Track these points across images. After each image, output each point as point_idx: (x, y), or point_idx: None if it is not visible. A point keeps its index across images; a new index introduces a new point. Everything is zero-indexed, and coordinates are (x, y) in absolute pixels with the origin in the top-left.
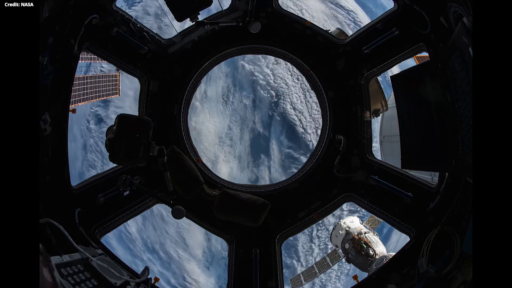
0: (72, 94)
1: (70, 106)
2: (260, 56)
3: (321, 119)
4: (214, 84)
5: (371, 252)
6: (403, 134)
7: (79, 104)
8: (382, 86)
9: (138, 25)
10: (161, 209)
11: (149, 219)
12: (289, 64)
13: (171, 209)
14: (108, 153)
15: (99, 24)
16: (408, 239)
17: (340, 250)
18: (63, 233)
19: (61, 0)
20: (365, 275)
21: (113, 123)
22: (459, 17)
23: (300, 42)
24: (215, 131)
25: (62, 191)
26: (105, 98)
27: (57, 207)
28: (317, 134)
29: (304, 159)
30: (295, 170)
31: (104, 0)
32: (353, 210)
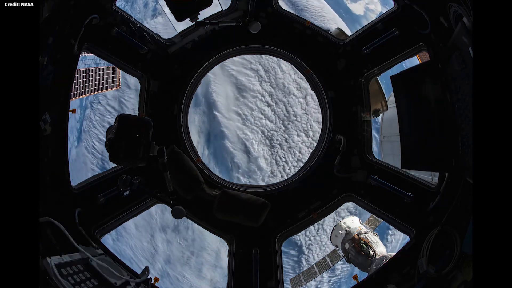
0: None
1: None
2: (256, 168)
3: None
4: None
5: (371, 252)
6: (403, 134)
7: (79, 97)
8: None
9: (138, 25)
10: (177, 275)
11: (166, 278)
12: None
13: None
14: (108, 153)
15: (99, 24)
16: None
17: (340, 250)
18: (63, 233)
19: (61, 0)
20: (365, 275)
21: (113, 123)
22: (459, 17)
23: (300, 42)
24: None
25: (62, 191)
26: (105, 90)
27: (57, 207)
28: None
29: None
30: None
31: (104, 0)
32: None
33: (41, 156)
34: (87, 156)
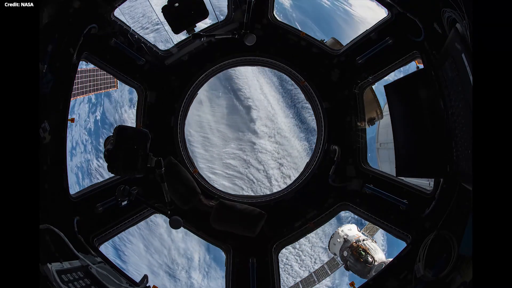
0: None
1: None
2: None
3: None
4: None
5: (370, 259)
6: (397, 143)
7: (77, 97)
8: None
9: (136, 36)
10: None
11: None
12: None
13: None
14: (107, 164)
15: (97, 34)
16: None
17: (339, 258)
18: (63, 240)
19: (60, 7)
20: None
21: (112, 134)
22: (453, 23)
23: (295, 54)
24: None
25: (61, 199)
26: (103, 91)
27: (56, 215)
28: None
29: None
30: None
31: (103, 9)
32: None
33: (40, 164)
34: None
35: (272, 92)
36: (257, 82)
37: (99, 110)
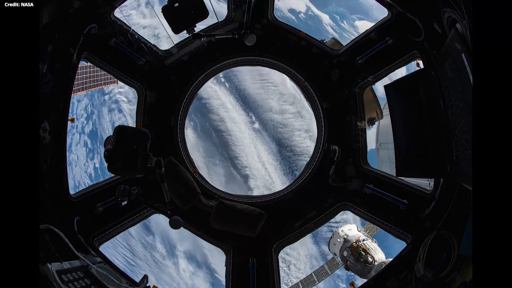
0: None
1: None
2: None
3: None
4: None
5: (369, 259)
6: (397, 143)
7: (78, 93)
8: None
9: (136, 36)
10: None
11: None
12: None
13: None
14: (107, 164)
15: (97, 34)
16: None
17: (339, 258)
18: (63, 240)
19: (60, 7)
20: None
21: (112, 134)
22: (453, 23)
23: (295, 54)
24: None
25: (61, 199)
26: (103, 86)
27: (56, 215)
28: None
29: None
30: None
31: (103, 9)
32: None
33: (40, 164)
34: None
35: (270, 160)
36: (254, 149)
37: (96, 158)
